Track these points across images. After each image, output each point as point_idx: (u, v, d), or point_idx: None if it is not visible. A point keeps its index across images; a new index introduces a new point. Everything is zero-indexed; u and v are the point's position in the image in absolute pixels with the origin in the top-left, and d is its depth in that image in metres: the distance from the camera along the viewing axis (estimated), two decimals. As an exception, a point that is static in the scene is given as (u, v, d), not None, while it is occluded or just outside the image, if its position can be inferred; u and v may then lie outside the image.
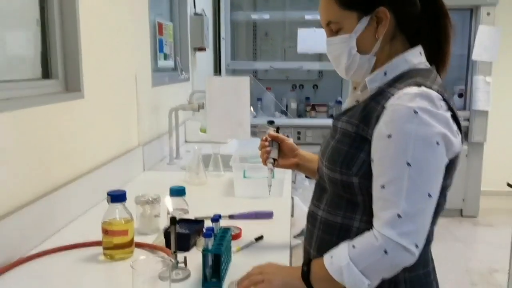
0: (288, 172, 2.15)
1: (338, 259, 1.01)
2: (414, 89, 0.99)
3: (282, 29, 5.28)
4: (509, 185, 2.70)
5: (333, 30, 1.11)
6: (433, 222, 1.04)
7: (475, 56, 4.52)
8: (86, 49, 1.74)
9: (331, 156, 1.09)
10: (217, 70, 4.90)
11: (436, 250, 1.19)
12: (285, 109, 5.00)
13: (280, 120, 4.74)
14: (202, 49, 3.79)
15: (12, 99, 1.39)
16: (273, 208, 1.71)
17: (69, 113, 1.66)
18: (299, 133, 4.57)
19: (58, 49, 1.67)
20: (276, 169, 1.50)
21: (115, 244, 1.30)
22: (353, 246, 1.01)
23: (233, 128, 2.33)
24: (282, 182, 1.94)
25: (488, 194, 5.16)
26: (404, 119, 0.96)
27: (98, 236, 1.35)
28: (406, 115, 0.96)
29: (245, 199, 1.90)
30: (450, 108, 1.01)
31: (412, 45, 1.10)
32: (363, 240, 1.01)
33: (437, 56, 1.13)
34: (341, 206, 1.10)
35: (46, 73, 1.67)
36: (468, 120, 4.68)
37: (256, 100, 4.98)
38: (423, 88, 0.99)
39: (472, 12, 4.64)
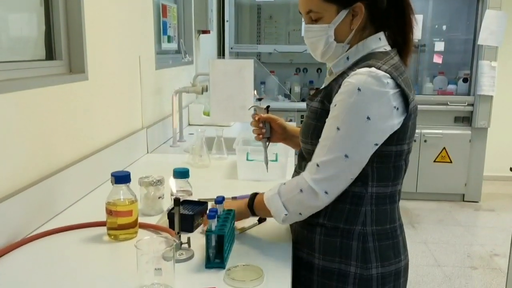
0: (291, 156, 2.15)
1: (271, 190, 1.27)
2: (364, 70, 1.15)
3: (286, 12, 5.24)
4: (512, 170, 2.70)
5: (313, 18, 1.24)
6: (396, 184, 1.25)
7: (481, 40, 4.48)
8: (90, 30, 1.73)
9: (303, 131, 1.29)
10: (221, 53, 4.88)
11: (437, 234, 1.24)
12: (288, 93, 4.98)
13: (283, 104, 4.73)
14: (206, 31, 3.77)
15: (16, 80, 1.39)
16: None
17: (73, 94, 1.66)
18: (302, 116, 4.56)
19: (62, 30, 1.67)
20: (279, 153, 1.81)
21: (119, 224, 1.31)
22: (284, 183, 1.25)
23: (237, 111, 2.33)
24: (285, 165, 1.95)
25: (491, 179, 5.16)
26: (348, 93, 1.14)
27: (102, 216, 1.36)
28: (351, 91, 1.13)
29: (248, 181, 1.91)
30: (397, 85, 1.14)
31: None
32: (292, 180, 1.25)
33: (402, 42, 1.27)
34: None
35: (50, 54, 1.67)
36: (472, 105, 4.66)
37: (260, 84, 4.97)
38: (372, 69, 1.14)
39: (479, -4, 4.60)
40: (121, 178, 1.32)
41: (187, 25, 3.52)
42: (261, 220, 1.47)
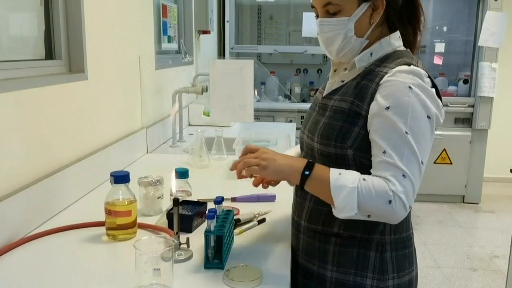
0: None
1: (345, 179, 1.07)
2: (405, 68, 1.10)
3: (287, 12, 5.24)
4: (512, 171, 2.70)
5: (331, 11, 1.17)
6: None
7: (481, 42, 4.48)
8: (90, 30, 1.73)
9: (324, 132, 1.18)
10: (221, 53, 4.87)
11: (437, 235, 1.23)
12: (288, 93, 4.98)
13: (284, 105, 4.73)
14: (206, 32, 3.77)
15: (16, 79, 1.39)
16: (276, 191, 1.71)
17: (73, 94, 1.66)
18: (302, 117, 4.56)
19: (61, 30, 1.66)
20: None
21: (118, 224, 1.31)
22: (364, 179, 1.07)
23: (237, 111, 2.33)
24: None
25: (491, 181, 5.16)
26: (400, 92, 1.07)
27: (101, 216, 1.36)
28: (402, 89, 1.07)
29: (248, 182, 1.90)
30: (434, 85, 1.12)
31: (391, 30, 1.21)
32: (375, 182, 1.06)
33: (411, 41, 1.25)
34: None
35: (50, 53, 1.67)
36: (472, 106, 4.66)
37: (260, 84, 4.97)
38: (412, 67, 1.10)
39: (479, -3, 4.60)
40: (121, 178, 1.31)
41: (187, 25, 3.52)
42: (260, 221, 1.46)
